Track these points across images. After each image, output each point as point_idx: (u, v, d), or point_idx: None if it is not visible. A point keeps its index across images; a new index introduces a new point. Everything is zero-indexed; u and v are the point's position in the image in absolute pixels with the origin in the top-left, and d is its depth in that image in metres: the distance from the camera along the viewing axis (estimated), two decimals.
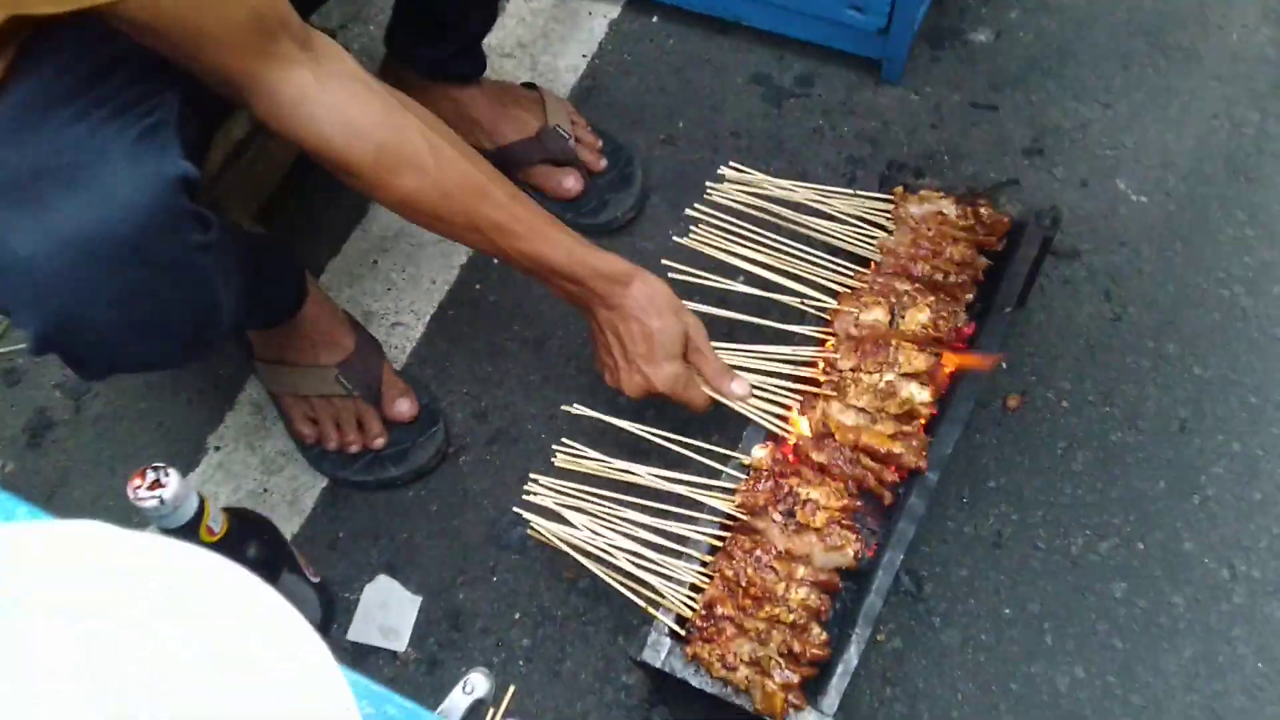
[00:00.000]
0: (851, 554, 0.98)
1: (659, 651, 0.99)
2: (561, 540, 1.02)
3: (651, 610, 0.99)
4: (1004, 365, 1.27)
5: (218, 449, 1.30)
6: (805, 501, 0.99)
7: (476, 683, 0.83)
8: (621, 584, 1.00)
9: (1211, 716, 1.10)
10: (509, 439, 1.27)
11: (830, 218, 1.15)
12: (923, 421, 1.07)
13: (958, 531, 1.20)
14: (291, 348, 1.23)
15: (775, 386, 1.09)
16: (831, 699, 0.96)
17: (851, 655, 0.98)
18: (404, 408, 1.24)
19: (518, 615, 1.18)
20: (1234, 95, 1.43)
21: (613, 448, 1.08)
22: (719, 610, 0.97)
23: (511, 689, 0.81)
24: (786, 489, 1.00)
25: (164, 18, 0.75)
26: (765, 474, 1.01)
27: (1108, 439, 1.24)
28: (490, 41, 1.35)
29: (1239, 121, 1.41)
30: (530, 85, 1.41)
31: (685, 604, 0.99)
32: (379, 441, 1.24)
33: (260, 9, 0.81)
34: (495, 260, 1.36)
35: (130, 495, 0.87)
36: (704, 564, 1.02)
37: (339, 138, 0.87)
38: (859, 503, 1.02)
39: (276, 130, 0.87)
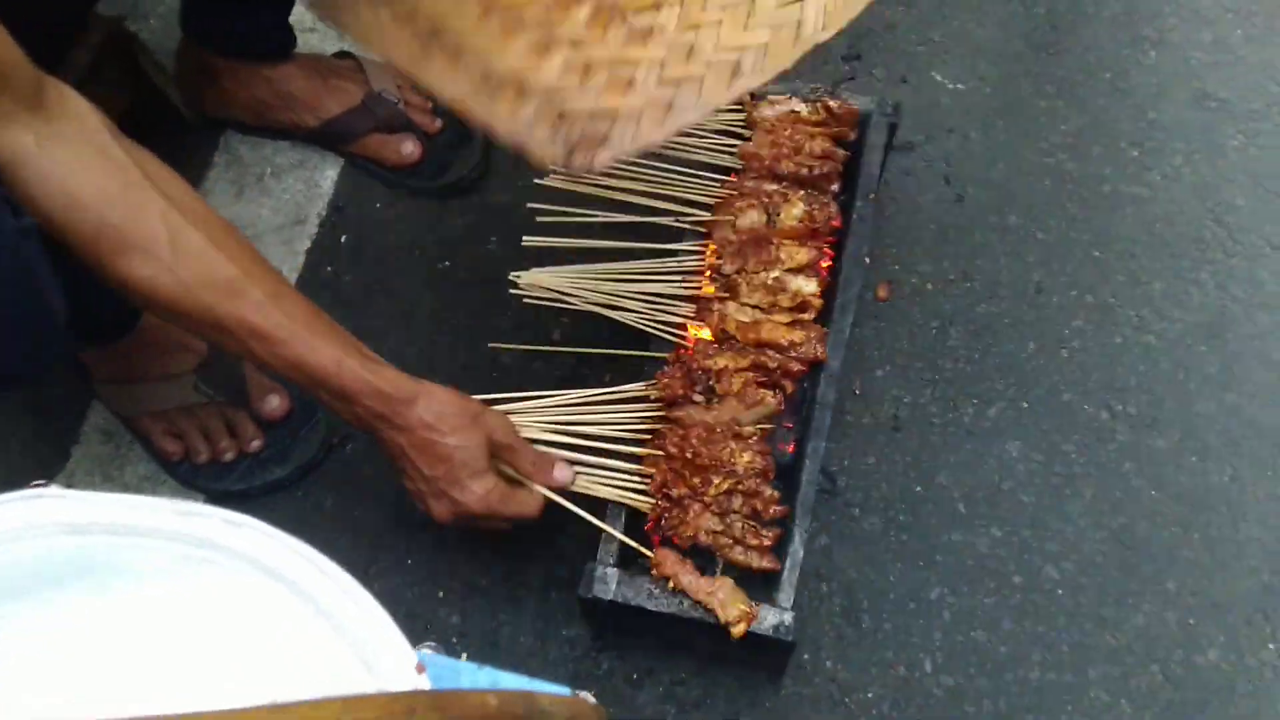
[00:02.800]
0: (773, 402, 0.99)
1: (608, 584, 0.96)
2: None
3: (601, 524, 0.98)
4: (868, 260, 1.30)
5: (70, 488, 1.18)
6: (719, 373, 1.00)
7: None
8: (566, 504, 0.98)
9: (1120, 548, 1.16)
10: None
11: (687, 134, 1.15)
12: (814, 314, 1.08)
13: (857, 423, 1.22)
14: (137, 362, 1.13)
15: (668, 307, 1.08)
16: (787, 593, 0.96)
17: (798, 547, 0.98)
18: (275, 404, 1.16)
19: (442, 594, 1.13)
20: None
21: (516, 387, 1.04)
22: (674, 492, 0.97)
23: (464, 657, 0.77)
24: (698, 368, 1.01)
25: None
26: (675, 363, 1.02)
27: (974, 311, 1.29)
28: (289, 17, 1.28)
29: (1030, 2, 1.49)
30: (346, 54, 1.34)
31: (642, 500, 0.98)
32: (256, 444, 1.15)
33: None
34: (342, 240, 1.31)
35: None
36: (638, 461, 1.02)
37: (57, 210, 0.76)
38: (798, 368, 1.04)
39: None
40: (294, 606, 0.43)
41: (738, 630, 0.92)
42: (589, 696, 0.65)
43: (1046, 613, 1.13)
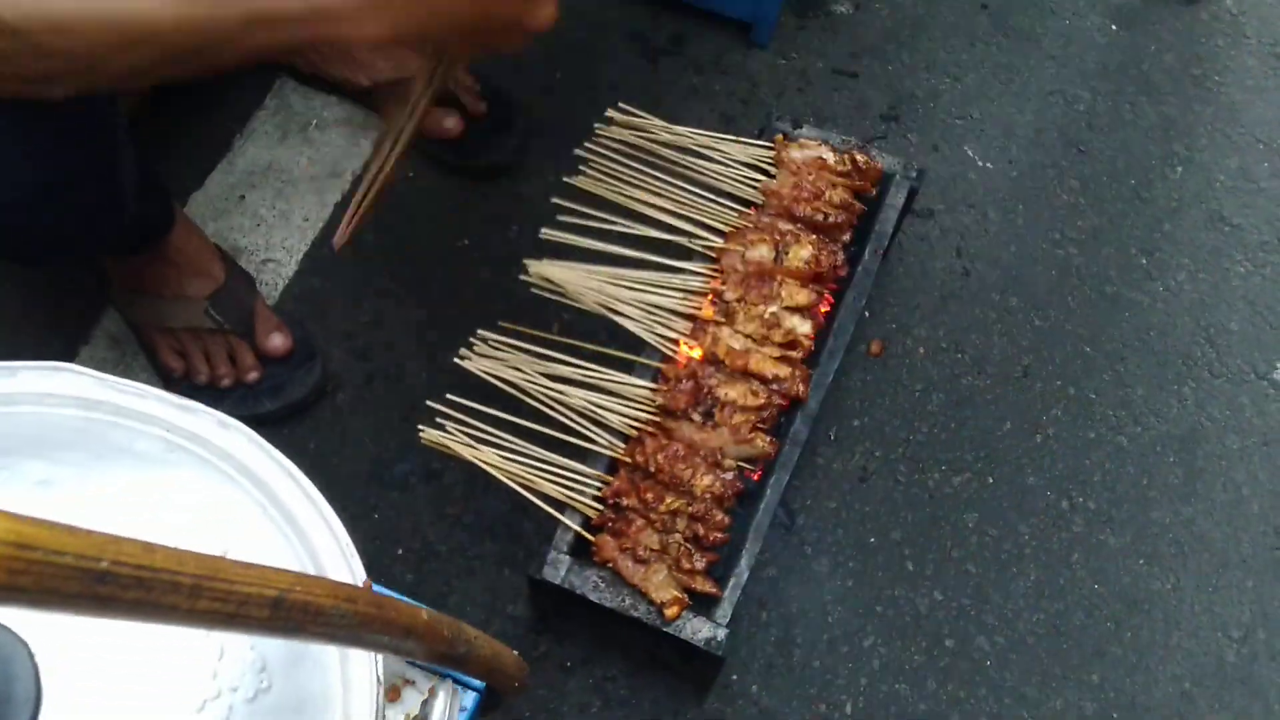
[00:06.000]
0: (764, 446, 1.03)
1: (558, 569, 1.00)
2: (466, 450, 1.02)
3: (557, 514, 1.01)
4: (868, 314, 1.35)
5: None
6: (724, 404, 1.04)
7: None
8: (526, 487, 1.01)
9: (1054, 633, 1.20)
10: (390, 377, 1.25)
11: (715, 161, 1.19)
12: (803, 355, 1.12)
13: (827, 467, 1.26)
14: (156, 278, 1.18)
15: (665, 320, 1.12)
16: (725, 609, 1.00)
17: (743, 569, 1.02)
18: (278, 341, 1.20)
19: (400, 551, 1.17)
20: (1067, 75, 1.55)
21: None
22: (625, 502, 1.01)
23: None
24: (706, 389, 1.04)
25: None
26: (685, 375, 1.05)
27: (959, 383, 1.33)
28: None
29: (1071, 99, 1.54)
30: None
31: (591, 506, 1.02)
32: (253, 375, 1.20)
33: None
34: None
35: None
36: (610, 469, 1.06)
37: None
38: (780, 402, 1.07)
39: None
40: (264, 507, 0.47)
41: (671, 613, 0.96)
42: None
43: (971, 680, 1.17)
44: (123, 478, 0.48)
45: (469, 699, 0.55)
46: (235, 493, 0.48)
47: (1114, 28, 1.61)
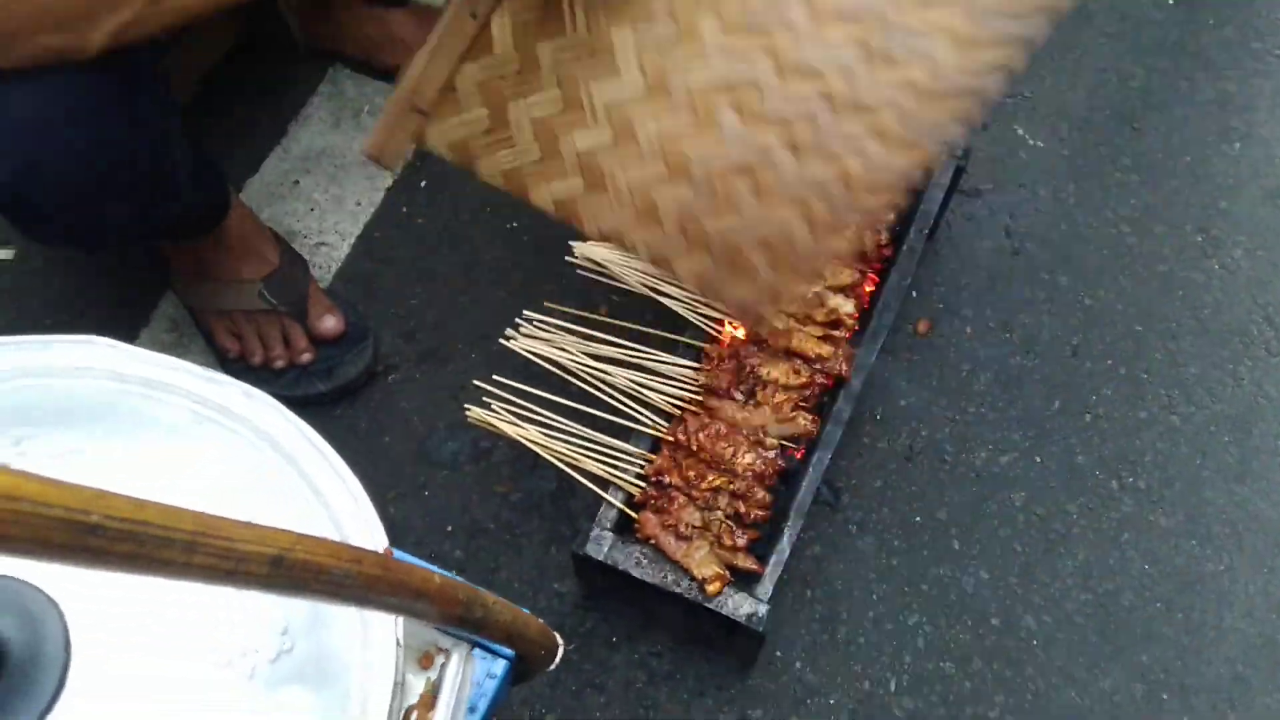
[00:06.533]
0: (805, 424, 1.04)
1: (601, 545, 1.01)
2: (512, 429, 1.04)
3: (601, 492, 1.03)
4: (914, 294, 1.34)
5: None
6: (766, 383, 1.05)
7: None
8: (571, 465, 1.03)
9: (1103, 613, 1.19)
10: (438, 359, 1.28)
11: None
12: (847, 334, 1.12)
13: (872, 446, 1.26)
14: (213, 262, 1.21)
15: (709, 300, 1.13)
16: (766, 586, 1.01)
17: (784, 545, 1.02)
18: (331, 323, 1.23)
19: (450, 529, 1.19)
20: (1121, 51, 1.53)
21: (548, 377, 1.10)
22: (667, 480, 1.02)
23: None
24: (749, 369, 1.05)
25: None
26: (728, 355, 1.06)
27: (1007, 362, 1.32)
28: None
29: (1125, 75, 1.51)
30: None
31: (634, 483, 1.03)
32: (306, 357, 1.23)
33: None
34: (422, 184, 1.38)
35: None
36: (653, 447, 1.07)
37: None
38: (822, 381, 1.08)
39: None
40: (288, 475, 0.49)
41: (712, 588, 0.97)
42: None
43: (1017, 659, 1.16)
44: (151, 448, 0.50)
45: (499, 666, 0.56)
46: (262, 462, 0.50)
47: (1170, 3, 1.58)
